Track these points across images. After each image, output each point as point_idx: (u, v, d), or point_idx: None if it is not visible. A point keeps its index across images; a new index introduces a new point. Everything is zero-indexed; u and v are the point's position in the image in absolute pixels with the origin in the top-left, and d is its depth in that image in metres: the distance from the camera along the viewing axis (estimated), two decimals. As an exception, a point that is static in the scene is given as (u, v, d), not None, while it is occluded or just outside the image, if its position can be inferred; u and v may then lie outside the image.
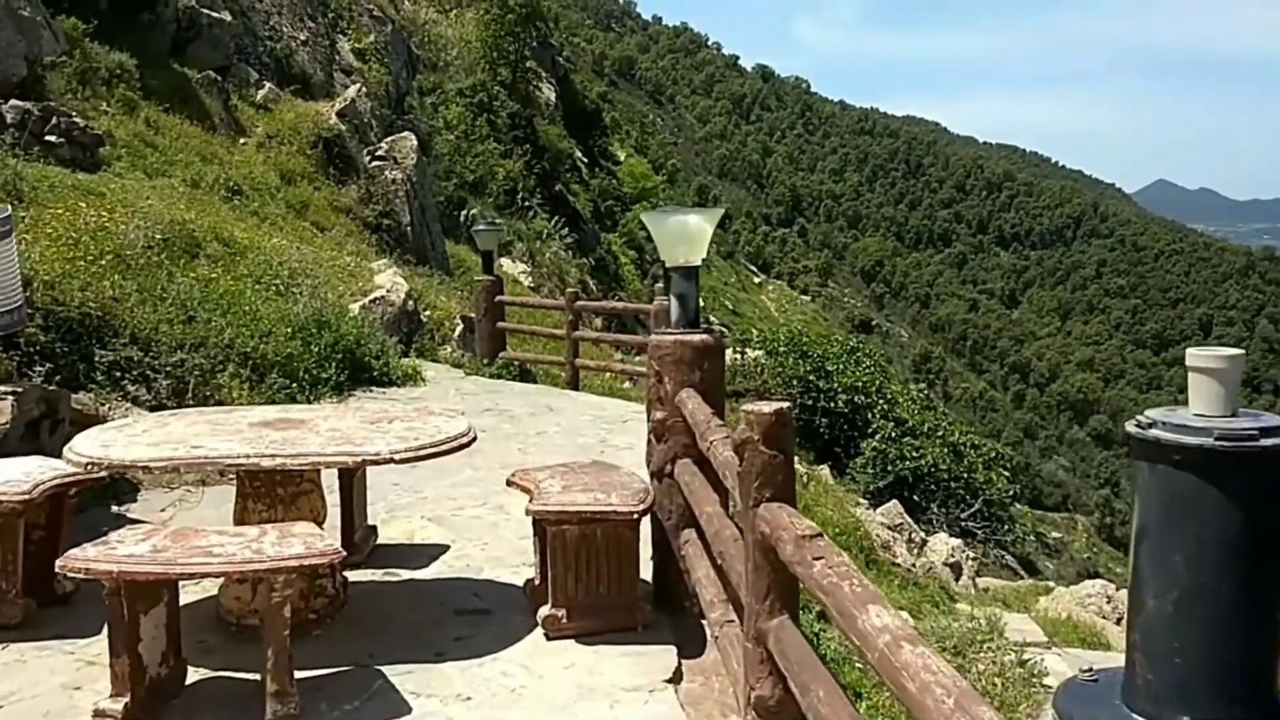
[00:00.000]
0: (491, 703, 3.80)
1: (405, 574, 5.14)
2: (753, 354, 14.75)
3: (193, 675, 3.93)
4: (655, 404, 4.44)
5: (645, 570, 4.62)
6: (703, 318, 4.63)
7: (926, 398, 20.06)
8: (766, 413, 2.70)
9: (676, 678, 3.98)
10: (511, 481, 4.74)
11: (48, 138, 11.51)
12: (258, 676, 3.65)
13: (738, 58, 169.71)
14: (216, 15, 17.43)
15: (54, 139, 11.55)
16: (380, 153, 18.24)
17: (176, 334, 7.80)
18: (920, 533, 11.29)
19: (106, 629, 3.60)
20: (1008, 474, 14.88)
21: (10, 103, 11.41)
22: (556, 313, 12.96)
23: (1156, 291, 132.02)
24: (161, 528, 3.92)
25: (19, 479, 4.42)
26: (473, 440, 4.53)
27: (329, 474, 4.80)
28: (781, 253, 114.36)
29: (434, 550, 5.49)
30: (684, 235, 4.36)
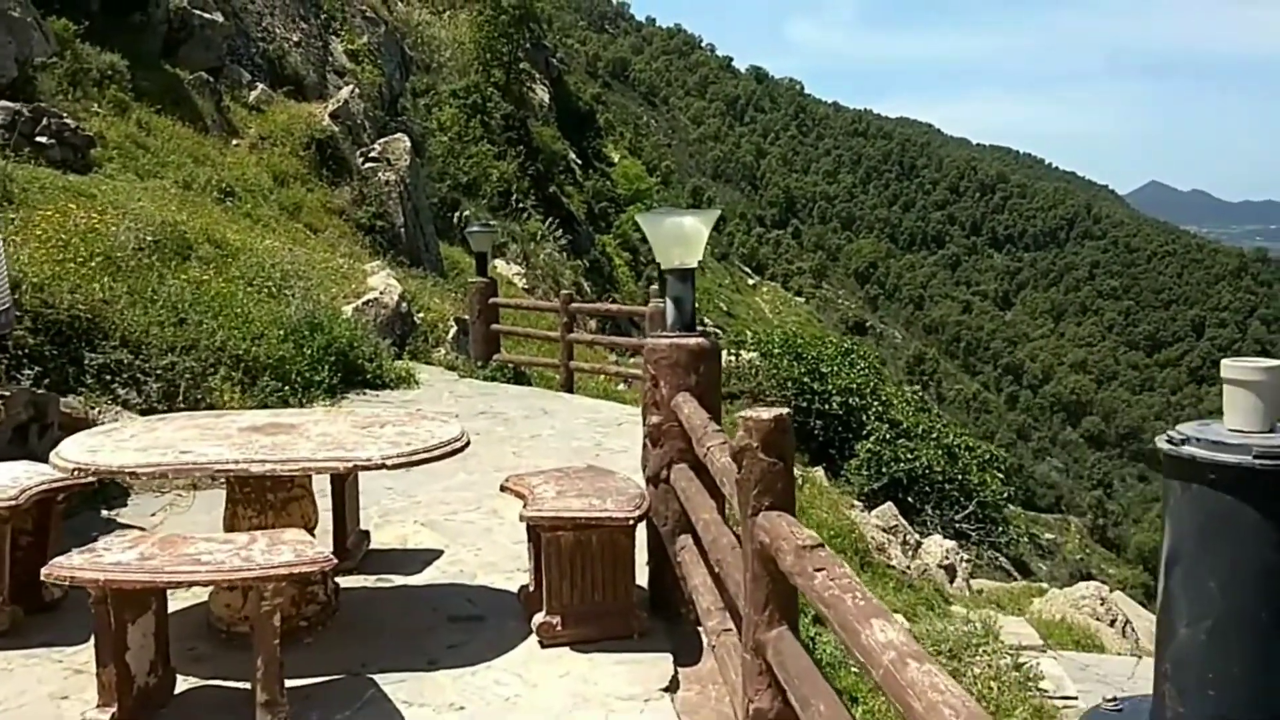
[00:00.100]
0: (485, 712, 3.75)
1: (398, 580, 5.09)
2: (747, 356, 14.71)
3: (182, 684, 3.87)
4: (651, 408, 4.39)
5: (641, 576, 4.58)
6: (698, 320, 4.58)
7: (921, 399, 20.05)
8: (765, 419, 2.64)
9: (673, 686, 3.93)
10: (505, 487, 4.69)
11: (38, 139, 11.44)
12: (248, 685, 3.60)
13: (731, 59, 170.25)
14: (208, 16, 17.35)
15: (44, 140, 11.48)
16: (373, 154, 18.18)
17: (167, 337, 7.72)
18: (915, 535, 11.26)
19: (93, 638, 3.54)
20: (1002, 476, 14.87)
21: (0, 104, 11.33)
22: (551, 315, 12.91)
23: (1149, 293, 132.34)
24: (149, 535, 3.87)
25: (6, 484, 4.37)
26: (466, 445, 4.48)
27: (320, 478, 4.75)
28: (775, 254, 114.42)
29: (427, 555, 5.43)
30: (679, 237, 4.31)
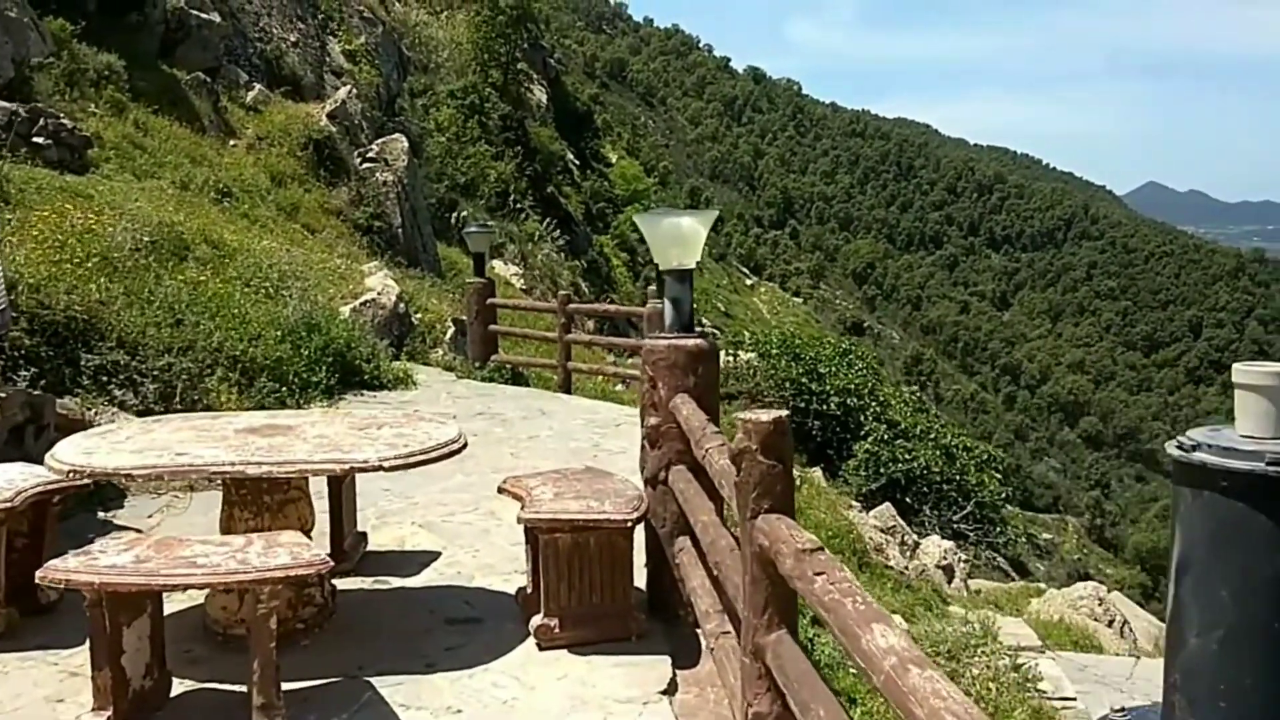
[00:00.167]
0: (483, 715, 3.74)
1: (395, 582, 5.08)
2: (745, 356, 14.72)
3: (178, 687, 3.85)
4: (649, 410, 4.37)
5: (639, 578, 4.56)
6: (696, 320, 4.56)
7: (918, 400, 20.05)
8: (764, 421, 2.62)
9: (671, 689, 3.91)
10: (503, 488, 4.67)
11: (35, 139, 11.41)
12: (244, 688, 3.58)
13: (729, 60, 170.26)
14: (205, 16, 17.32)
15: (41, 141, 11.45)
16: (371, 155, 18.16)
17: (164, 337, 7.70)
18: (913, 535, 11.26)
19: (88, 641, 3.53)
20: (1000, 476, 14.86)
21: (-3, 104, 11.31)
22: (549, 315, 12.88)
23: (1147, 293, 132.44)
24: (145, 537, 3.85)
25: (1, 486, 4.35)
26: (463, 447, 4.46)
27: (318, 480, 4.73)
28: (773, 255, 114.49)
29: (425, 557, 5.42)
30: (677, 238, 4.28)
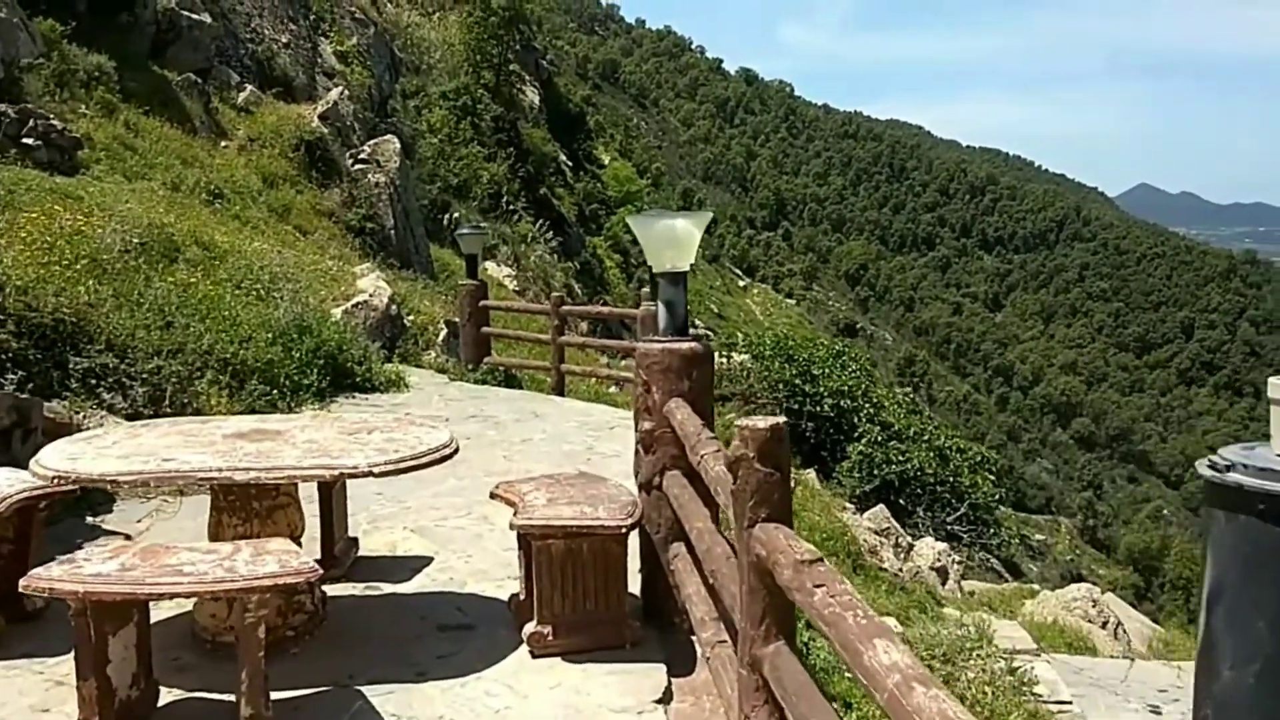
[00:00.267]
0: (475, 724, 3.68)
1: (387, 588, 5.02)
2: (739, 358, 14.69)
3: (165, 696, 3.79)
4: (643, 414, 4.31)
5: (633, 584, 4.51)
6: (690, 322, 4.50)
7: (912, 401, 20.05)
8: (762, 428, 2.57)
9: (666, 698, 3.85)
10: (495, 494, 4.60)
11: (24, 140, 11.35)
12: (233, 697, 3.53)
13: (721, 61, 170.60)
14: (196, 17, 17.25)
15: (31, 141, 11.39)
16: (363, 156, 18.10)
17: (154, 340, 7.64)
18: (907, 537, 11.23)
19: (73, 651, 3.47)
20: (993, 478, 14.85)
21: (-14, 105, 11.25)
22: (542, 317, 12.82)
23: (1139, 295, 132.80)
24: (130, 545, 3.79)
25: (-14, 492, 4.28)
26: (455, 452, 4.40)
27: (308, 485, 4.67)
28: (766, 256, 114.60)
29: (416, 563, 5.36)
30: (672, 240, 4.23)
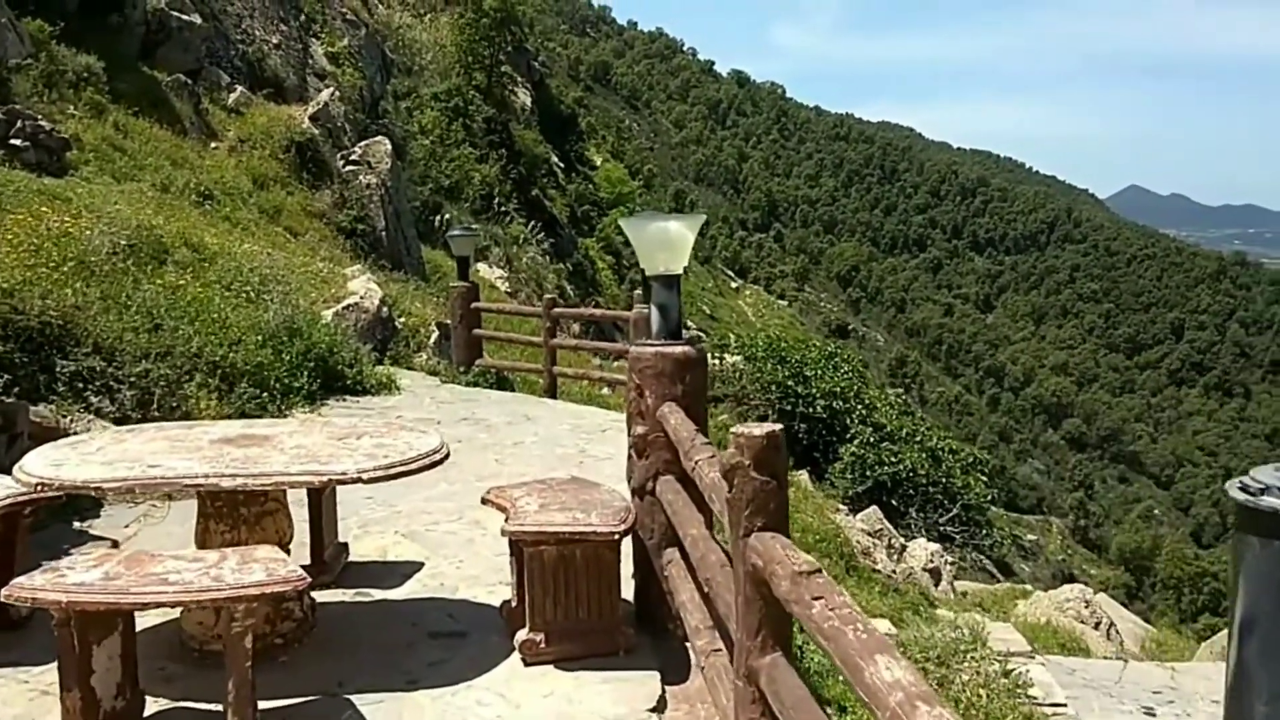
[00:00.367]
0: (466, 734, 3.63)
1: (377, 594, 4.96)
2: (731, 359, 14.62)
3: (151, 706, 3.73)
4: (636, 418, 4.26)
5: (626, 590, 4.46)
6: (682, 324, 4.45)
7: (904, 402, 20.04)
8: (758, 435, 2.52)
9: (660, 706, 3.80)
10: (487, 499, 4.55)
11: (12, 141, 11.27)
12: (220, 707, 3.47)
13: (713, 63, 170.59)
14: (187, 18, 17.16)
15: (19, 143, 11.30)
16: (354, 157, 18.02)
17: (142, 343, 7.56)
18: (899, 538, 11.19)
19: (57, 661, 3.41)
20: (985, 478, 14.83)
21: (-27, 106, 11.16)
22: (534, 319, 12.75)
23: (1129, 296, 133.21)
24: (115, 553, 3.73)
25: (-31, 499, 4.22)
26: (445, 457, 4.35)
27: (297, 490, 4.61)
28: (758, 258, 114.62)
29: (407, 568, 5.30)
30: (665, 242, 4.18)
